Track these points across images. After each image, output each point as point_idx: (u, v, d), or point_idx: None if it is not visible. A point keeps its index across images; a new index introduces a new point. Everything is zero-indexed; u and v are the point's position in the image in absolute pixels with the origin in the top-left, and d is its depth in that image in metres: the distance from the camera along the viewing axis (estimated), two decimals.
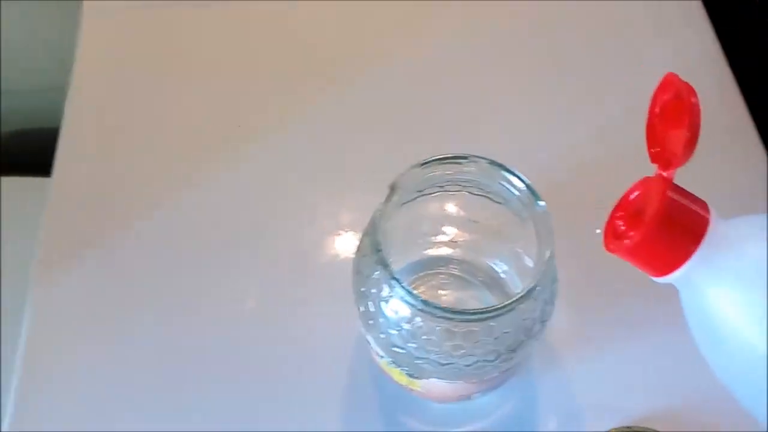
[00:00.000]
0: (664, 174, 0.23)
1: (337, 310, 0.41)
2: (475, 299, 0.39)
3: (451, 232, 0.38)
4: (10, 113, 0.69)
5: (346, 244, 0.43)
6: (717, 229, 0.22)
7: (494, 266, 0.39)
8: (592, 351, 0.39)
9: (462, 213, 0.36)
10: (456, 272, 0.39)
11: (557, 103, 0.48)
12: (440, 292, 0.39)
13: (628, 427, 0.36)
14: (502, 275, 0.38)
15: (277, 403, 0.38)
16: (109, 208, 0.45)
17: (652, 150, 0.23)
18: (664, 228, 0.22)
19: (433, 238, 0.39)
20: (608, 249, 0.23)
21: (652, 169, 0.25)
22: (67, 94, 0.49)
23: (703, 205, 0.23)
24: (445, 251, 0.39)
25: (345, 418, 0.38)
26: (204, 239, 0.44)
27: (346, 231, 0.44)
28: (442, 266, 0.40)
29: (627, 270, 0.41)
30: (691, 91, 0.22)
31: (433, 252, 0.40)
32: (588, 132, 0.46)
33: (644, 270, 0.23)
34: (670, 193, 0.22)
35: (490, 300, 0.39)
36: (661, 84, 0.23)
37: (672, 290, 0.40)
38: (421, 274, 0.40)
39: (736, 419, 0.37)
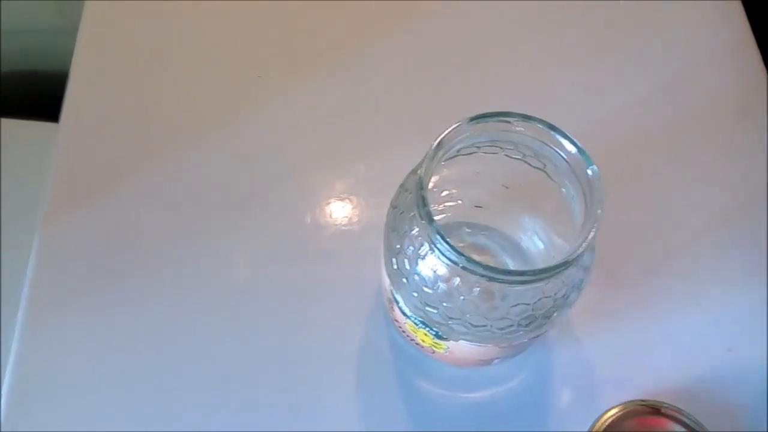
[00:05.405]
0: None
1: (353, 271, 0.40)
2: (497, 265, 0.39)
3: (477, 195, 0.38)
4: (11, 54, 0.65)
5: (361, 206, 0.42)
6: None
7: (517, 236, 0.38)
8: (608, 325, 0.39)
9: (494, 176, 0.36)
10: (477, 239, 0.39)
11: (589, 75, 0.47)
12: None
13: (642, 400, 0.36)
14: (525, 246, 0.38)
15: (290, 367, 0.37)
16: (116, 157, 0.43)
17: None
18: None
19: (458, 201, 0.38)
20: None
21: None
22: (75, 37, 0.46)
23: None
24: (467, 215, 0.39)
25: (360, 381, 0.37)
26: (216, 192, 0.42)
27: (362, 193, 0.43)
28: (462, 231, 0.39)
29: (648, 246, 0.42)
30: None
31: (454, 215, 0.39)
32: (616, 106, 0.46)
33: None
34: None
35: (512, 267, 0.38)
36: None
37: (690, 269, 0.41)
38: None
39: (745, 397, 0.38)
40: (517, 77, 0.47)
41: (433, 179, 0.35)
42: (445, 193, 0.37)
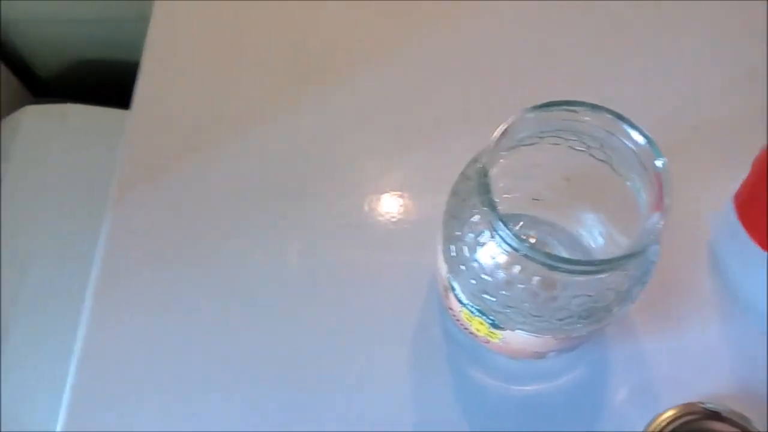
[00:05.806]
0: None
1: (408, 260, 0.40)
2: None
3: (536, 188, 0.37)
4: (83, 42, 0.68)
5: (417, 196, 0.43)
6: None
7: (577, 231, 0.38)
8: (669, 325, 0.38)
9: (555, 169, 0.35)
10: (535, 232, 0.39)
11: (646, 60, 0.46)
12: None
13: (701, 403, 0.35)
14: (585, 241, 0.37)
15: (343, 354, 0.38)
16: (182, 144, 0.44)
17: None
18: None
19: (515, 194, 0.38)
20: None
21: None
22: (146, 28, 0.48)
23: None
24: (525, 208, 0.38)
25: (412, 369, 0.37)
26: (276, 179, 0.43)
27: (419, 184, 0.43)
28: (519, 224, 0.39)
29: (710, 246, 0.40)
30: None
31: (511, 207, 0.39)
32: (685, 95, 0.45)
33: None
34: None
35: None
36: None
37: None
38: None
39: None
40: (584, 69, 0.46)
41: (492, 170, 0.35)
42: (501, 184, 0.37)
